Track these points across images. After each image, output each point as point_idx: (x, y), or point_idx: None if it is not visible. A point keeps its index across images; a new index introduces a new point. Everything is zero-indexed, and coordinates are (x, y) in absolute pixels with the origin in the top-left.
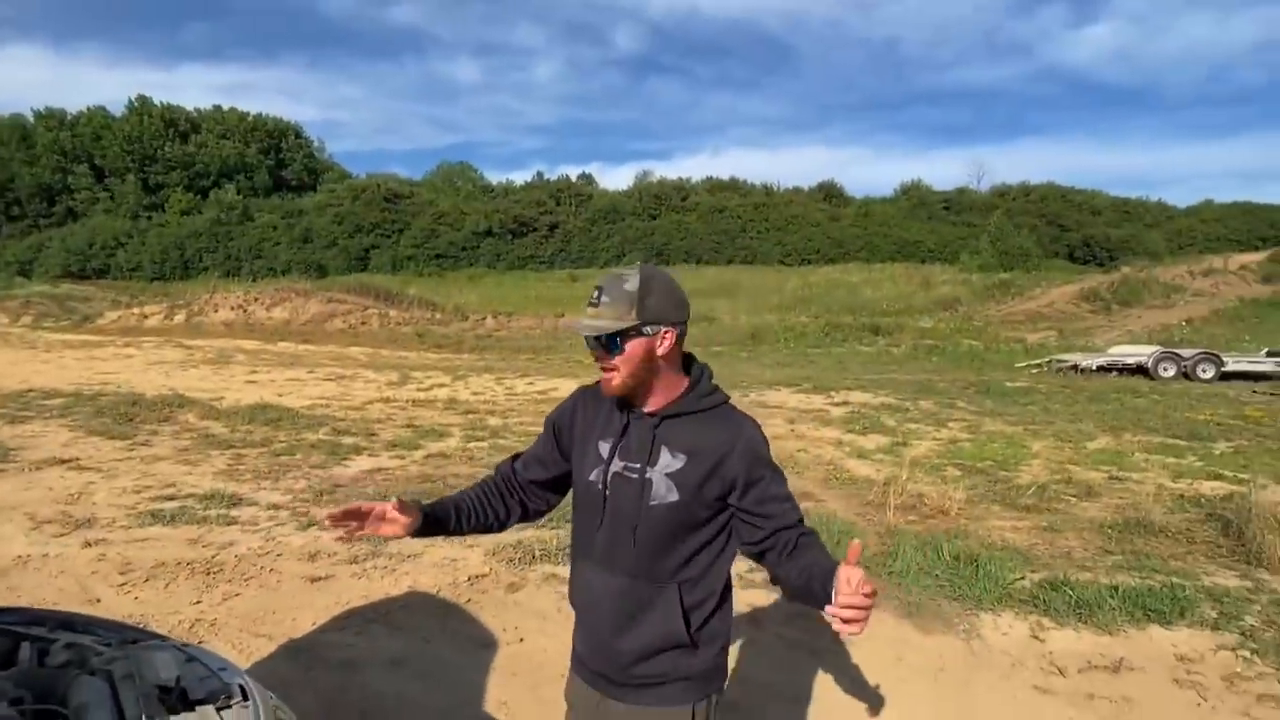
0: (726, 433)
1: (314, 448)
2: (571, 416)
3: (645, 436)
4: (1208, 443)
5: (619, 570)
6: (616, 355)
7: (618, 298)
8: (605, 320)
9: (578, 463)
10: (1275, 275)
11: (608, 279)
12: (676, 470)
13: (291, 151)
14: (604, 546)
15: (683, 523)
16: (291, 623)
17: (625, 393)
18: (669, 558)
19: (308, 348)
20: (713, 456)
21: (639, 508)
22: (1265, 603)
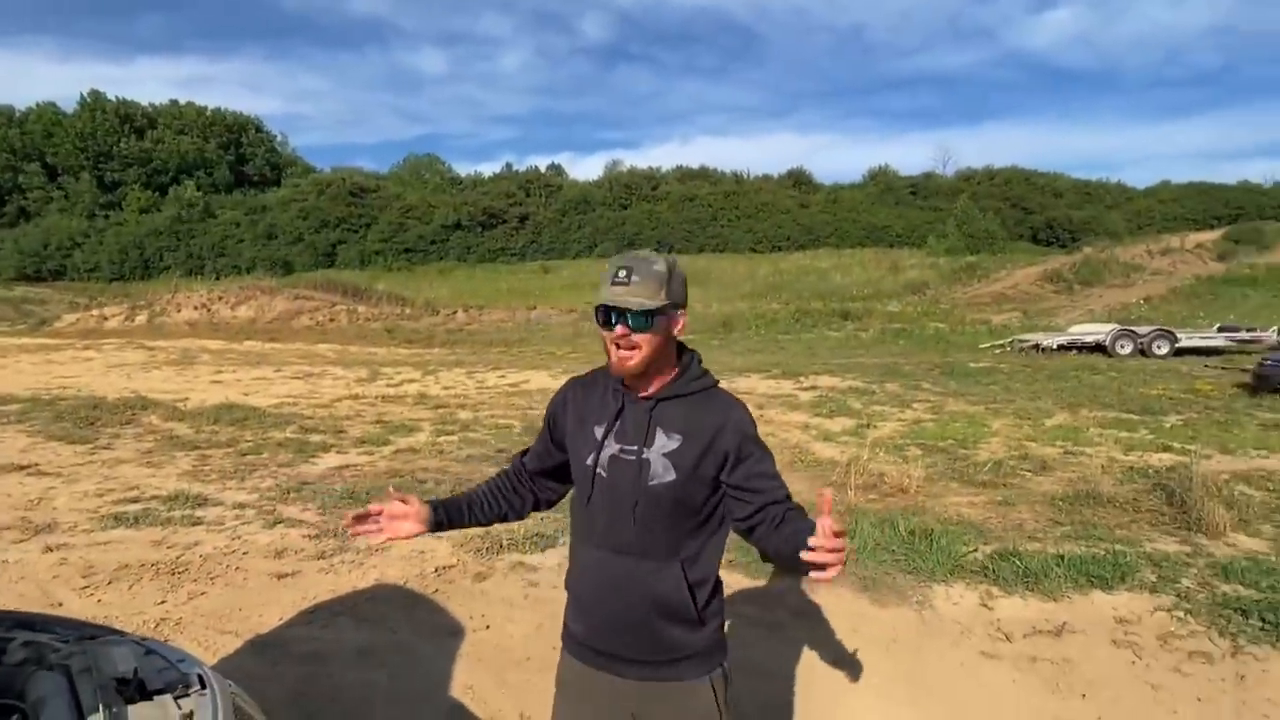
0: (717, 414)
1: (281, 446)
2: (564, 406)
3: (641, 419)
4: (1159, 416)
5: (622, 550)
6: (645, 333)
7: (648, 277)
8: (641, 298)
9: (574, 450)
10: (1229, 253)
11: (633, 259)
12: (673, 450)
13: (253, 146)
14: (605, 528)
15: (680, 501)
16: (258, 619)
17: (641, 370)
18: (669, 536)
19: (274, 346)
20: (706, 436)
21: (638, 487)
22: (1201, 566)
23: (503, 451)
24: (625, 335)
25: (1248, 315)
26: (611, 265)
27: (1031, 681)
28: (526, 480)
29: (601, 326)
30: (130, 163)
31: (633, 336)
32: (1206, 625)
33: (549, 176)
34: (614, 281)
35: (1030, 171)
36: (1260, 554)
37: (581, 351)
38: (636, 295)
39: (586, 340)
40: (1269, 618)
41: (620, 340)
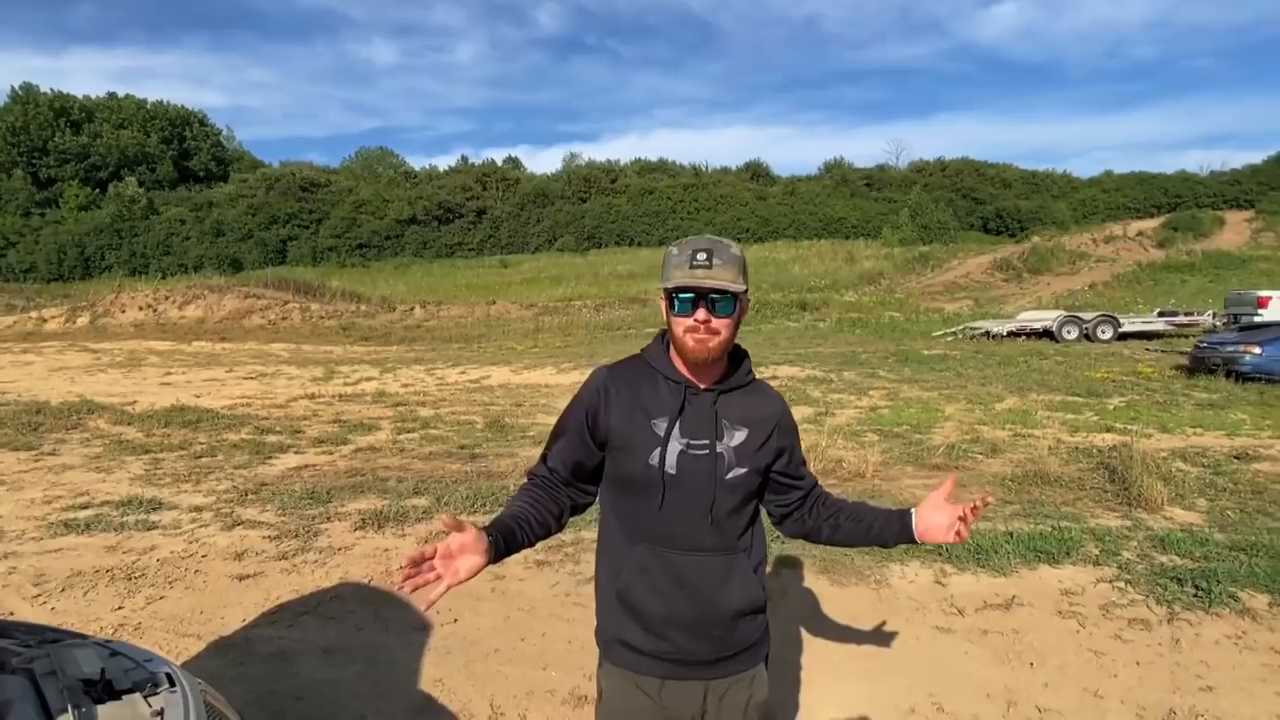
0: (772, 405)
1: (236, 448)
2: (606, 399)
3: (707, 412)
4: (1103, 398)
5: (694, 548)
6: (727, 317)
7: (729, 261)
8: (725, 280)
9: (627, 446)
10: (1169, 240)
11: (710, 242)
12: (741, 443)
13: (197, 140)
14: (674, 528)
15: (747, 492)
16: (220, 621)
17: (721, 354)
18: (736, 527)
19: (225, 346)
20: (766, 427)
21: (714, 483)
22: (1141, 539)
23: (465, 448)
24: (708, 320)
25: (1186, 300)
26: (683, 248)
27: (983, 653)
28: (561, 488)
29: (676, 312)
30: (67, 158)
31: (714, 322)
32: (1145, 594)
33: (506, 170)
34: (694, 264)
35: (980, 163)
36: (1194, 526)
37: (542, 346)
38: (721, 278)
39: (547, 335)
40: (1202, 585)
41: (702, 325)
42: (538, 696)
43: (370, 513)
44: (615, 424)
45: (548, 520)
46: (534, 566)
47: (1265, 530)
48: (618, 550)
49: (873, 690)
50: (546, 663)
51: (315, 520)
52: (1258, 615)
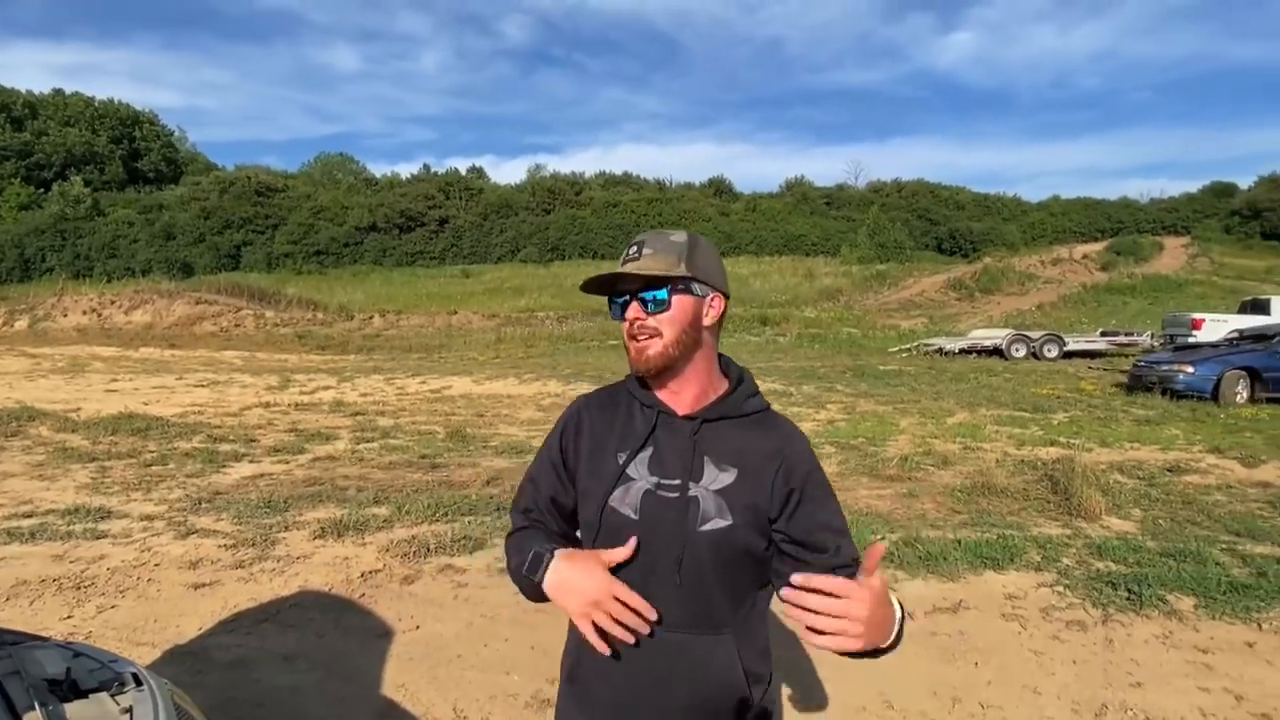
0: (776, 441)
1: (188, 456)
2: (576, 429)
3: (683, 445)
4: (1048, 414)
5: (658, 620)
6: (661, 312)
7: (663, 249)
8: (655, 269)
9: (588, 484)
10: (1111, 264)
11: (648, 234)
12: (726, 486)
13: (147, 140)
14: (633, 587)
15: (734, 553)
16: (176, 630)
17: (663, 365)
18: (720, 599)
19: (175, 353)
20: (766, 469)
21: (682, 534)
22: (1080, 546)
23: (426, 458)
24: (640, 318)
25: (1127, 320)
26: (627, 246)
27: (931, 653)
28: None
29: (615, 317)
30: (8, 155)
31: (649, 320)
32: (1082, 598)
33: (470, 179)
34: (625, 258)
35: (935, 185)
36: (1129, 534)
37: (505, 357)
38: (648, 267)
39: (509, 345)
40: (1134, 589)
41: (635, 325)
42: (500, 700)
43: (329, 521)
44: (581, 457)
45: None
46: (497, 574)
47: (1193, 538)
48: None
49: (827, 692)
50: (509, 668)
51: (272, 529)
52: (1183, 616)
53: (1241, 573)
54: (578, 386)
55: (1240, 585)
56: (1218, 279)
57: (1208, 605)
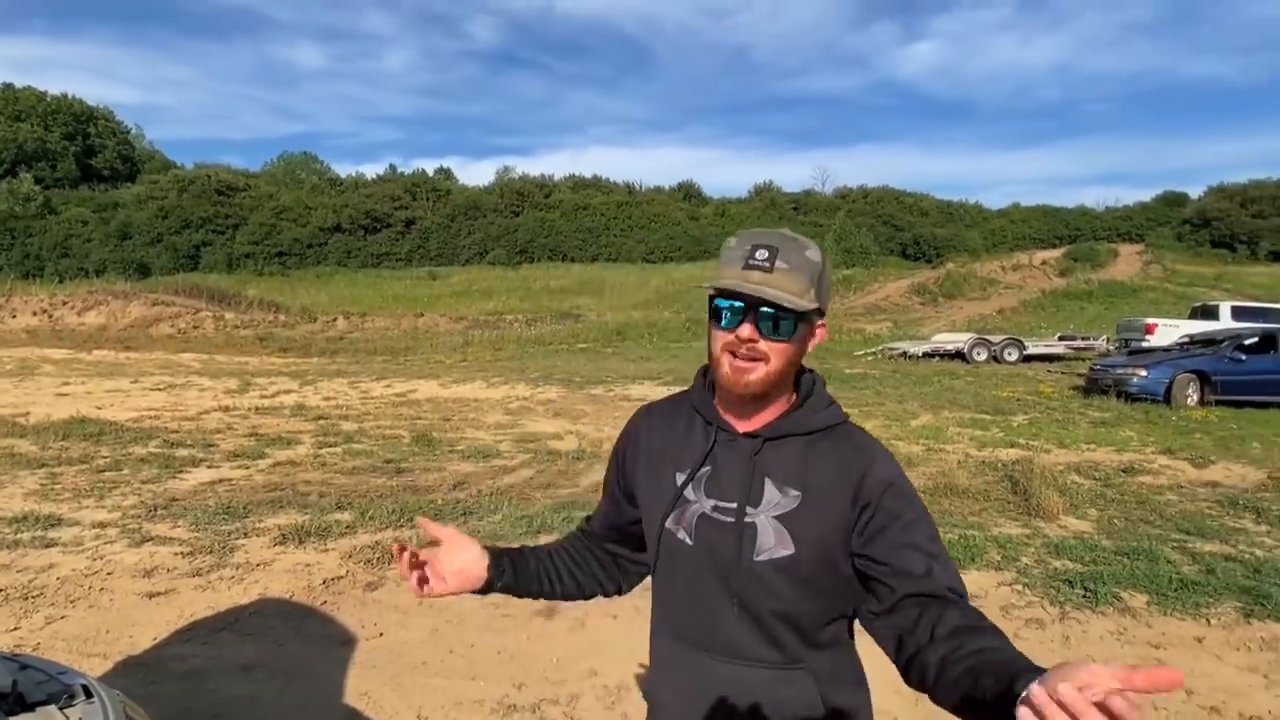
0: (848, 458)
1: (144, 462)
2: (635, 443)
3: (742, 465)
4: (1008, 416)
5: (723, 652)
6: (782, 341)
7: (799, 267)
8: (786, 292)
9: (647, 503)
10: (1069, 270)
11: (777, 237)
12: (789, 512)
13: (102, 137)
14: (697, 619)
15: (801, 582)
16: (129, 640)
17: (763, 391)
18: (786, 632)
19: (130, 356)
20: (835, 493)
21: (738, 564)
22: (1038, 545)
23: (391, 462)
24: (753, 341)
25: (1084, 325)
26: (741, 241)
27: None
28: (597, 549)
29: (715, 323)
30: None
31: (761, 344)
32: (1040, 596)
33: (437, 180)
34: (749, 263)
35: (900, 191)
36: (1085, 533)
37: (472, 360)
38: (781, 287)
39: (477, 348)
40: (1090, 587)
41: (745, 346)
42: (466, 707)
43: (290, 528)
44: (639, 474)
45: (576, 577)
46: None
47: (1146, 537)
48: (652, 634)
49: None
50: (475, 673)
51: (231, 536)
52: (1136, 613)
53: (1191, 570)
54: (546, 390)
55: (1190, 582)
56: (1170, 285)
57: (1159, 602)
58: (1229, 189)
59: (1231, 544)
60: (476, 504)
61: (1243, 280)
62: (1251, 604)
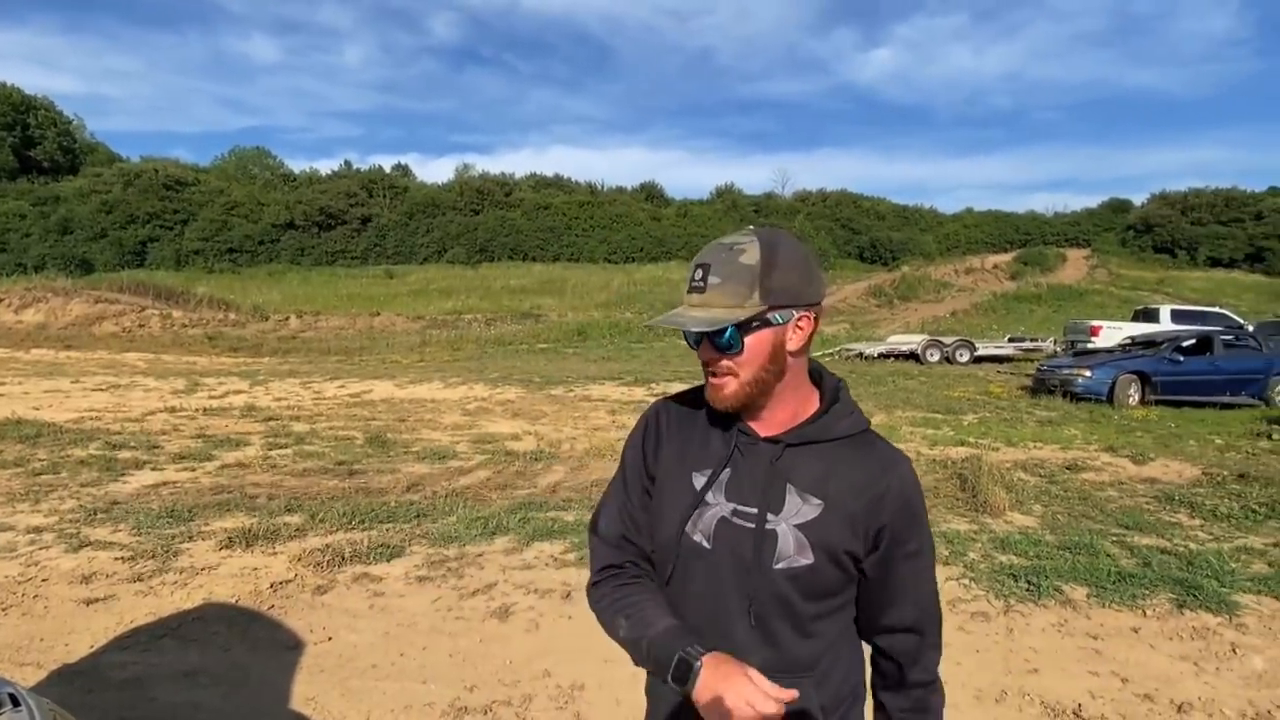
0: (875, 470)
1: (84, 464)
2: (656, 436)
3: (763, 470)
4: (959, 415)
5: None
6: (733, 355)
7: (732, 276)
8: (717, 310)
9: (661, 499)
10: (1020, 273)
11: (714, 250)
12: (810, 521)
13: (41, 127)
14: (705, 623)
15: (817, 592)
16: (64, 648)
17: (741, 404)
18: (795, 641)
19: (71, 355)
20: (858, 503)
21: (757, 572)
22: (985, 541)
23: (343, 464)
24: (712, 359)
25: (1033, 327)
26: (693, 263)
27: None
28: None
29: (690, 346)
30: None
31: (723, 361)
32: (986, 590)
33: (394, 177)
34: (690, 285)
35: (858, 195)
36: (1030, 528)
37: (429, 360)
38: (711, 307)
39: (435, 349)
40: (1033, 580)
41: (709, 366)
42: (416, 710)
43: (238, 531)
44: (663, 472)
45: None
46: (415, 582)
47: (1087, 531)
48: None
49: None
50: (426, 676)
51: (175, 540)
52: (1077, 605)
53: (1129, 563)
54: (505, 390)
55: (1128, 574)
56: (1115, 289)
57: (1099, 594)
58: (1170, 196)
59: (1167, 538)
60: (431, 506)
61: (1182, 284)
62: (1184, 595)
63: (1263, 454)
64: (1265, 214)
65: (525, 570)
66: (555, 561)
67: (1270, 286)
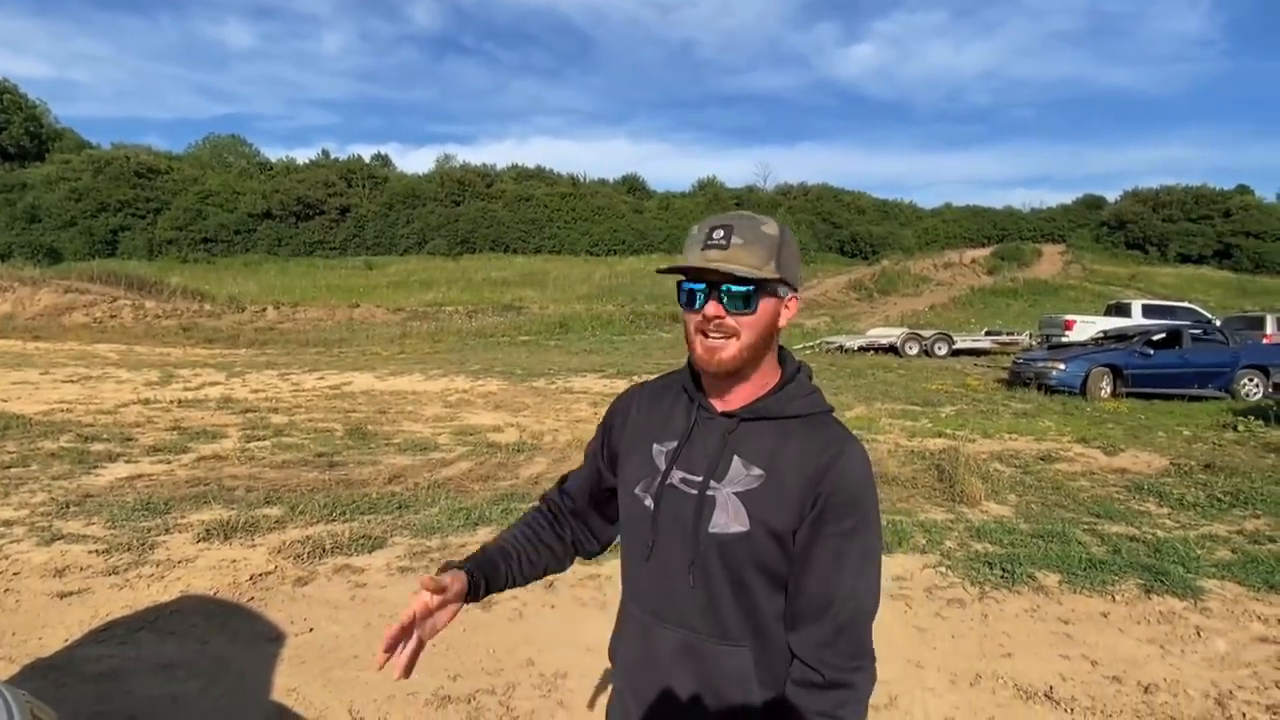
0: (817, 446)
1: (55, 457)
2: (624, 417)
3: (714, 441)
4: (937, 408)
5: (671, 620)
6: (747, 314)
7: (755, 241)
8: (742, 266)
9: (624, 473)
10: (997, 268)
11: (736, 218)
12: (749, 491)
13: (7, 113)
14: (652, 585)
15: (747, 563)
16: (38, 642)
17: (735, 369)
18: (732, 609)
19: (39, 345)
20: (799, 476)
21: (695, 535)
22: (961, 530)
23: (323, 456)
24: (720, 317)
25: (1010, 321)
26: (701, 226)
27: None
28: (568, 519)
29: (686, 307)
30: None
31: (728, 320)
32: (961, 577)
33: (374, 167)
34: (707, 243)
35: (838, 190)
36: (1005, 517)
37: (410, 352)
38: (737, 263)
39: (415, 340)
40: (1007, 568)
41: (713, 323)
42: (399, 700)
43: (215, 523)
44: (626, 444)
45: (544, 556)
46: (397, 573)
47: (1060, 520)
48: (621, 604)
49: None
50: None
51: (151, 533)
52: (1049, 591)
53: (1100, 550)
54: (486, 382)
55: (1098, 561)
56: (1088, 284)
57: (1070, 580)
58: (1143, 193)
59: (1136, 526)
60: (413, 497)
61: (1153, 280)
62: (1152, 581)
63: (1228, 445)
64: (1233, 211)
65: None
66: None
67: (1238, 282)
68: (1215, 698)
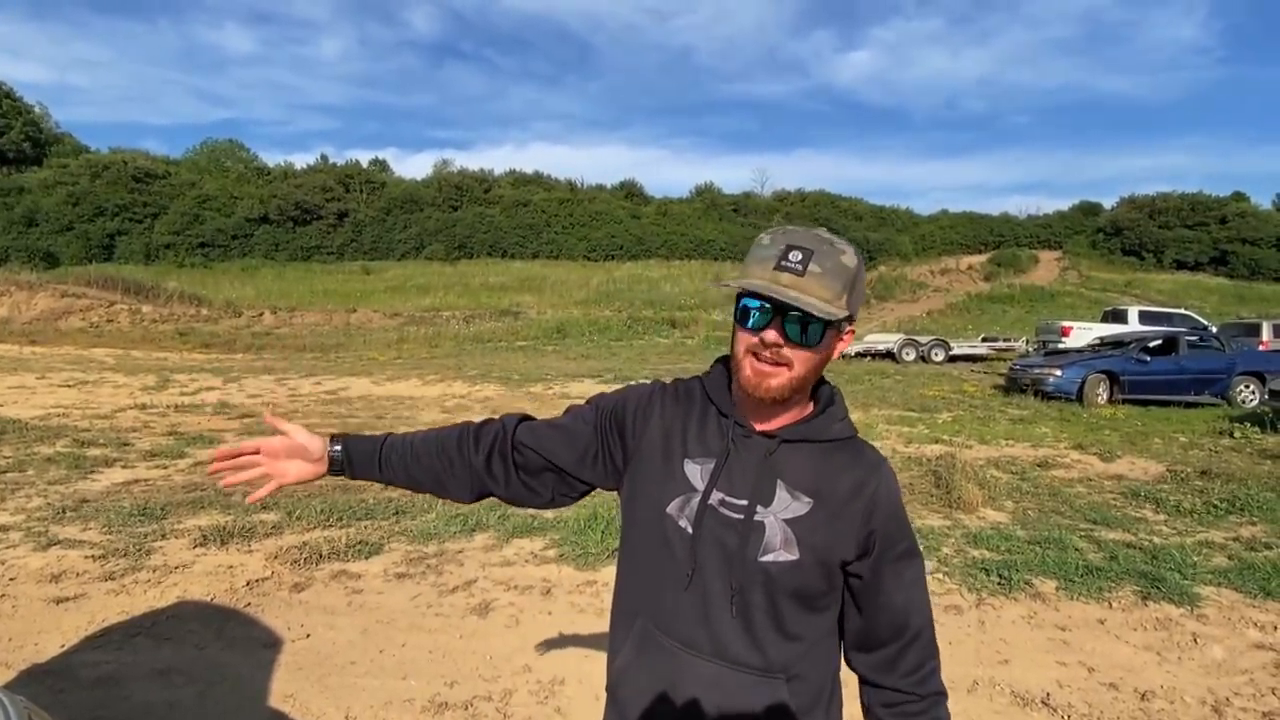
0: (861, 473)
1: (51, 462)
2: (647, 412)
3: (755, 464)
4: (934, 413)
5: (707, 650)
6: (807, 349)
7: (833, 272)
8: (817, 299)
9: (646, 483)
10: (993, 274)
11: (815, 239)
12: (799, 518)
13: (6, 117)
14: (685, 612)
15: (798, 592)
16: (34, 648)
17: (785, 397)
18: (774, 638)
19: (36, 350)
20: (846, 504)
21: (742, 563)
22: (958, 536)
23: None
24: (779, 345)
25: (1006, 327)
26: (775, 239)
27: None
28: (496, 455)
29: (741, 323)
30: None
31: (785, 350)
32: (959, 584)
33: (372, 172)
34: (782, 264)
35: (835, 196)
36: (1002, 524)
37: (407, 357)
38: (813, 295)
39: (412, 345)
40: (1004, 574)
41: (770, 350)
42: (396, 706)
43: (212, 528)
44: (646, 449)
45: (442, 471)
46: (394, 579)
47: (1057, 526)
48: (620, 619)
49: None
50: (406, 673)
51: (147, 538)
52: (1046, 598)
53: (1096, 557)
54: (484, 388)
55: (1094, 568)
56: (1085, 290)
57: (1067, 587)
58: (1139, 200)
59: (1132, 532)
60: (410, 503)
61: (1149, 286)
62: (1148, 587)
63: (1224, 451)
64: (1229, 218)
65: (505, 567)
66: (535, 558)
67: (1234, 289)
68: (1212, 704)
